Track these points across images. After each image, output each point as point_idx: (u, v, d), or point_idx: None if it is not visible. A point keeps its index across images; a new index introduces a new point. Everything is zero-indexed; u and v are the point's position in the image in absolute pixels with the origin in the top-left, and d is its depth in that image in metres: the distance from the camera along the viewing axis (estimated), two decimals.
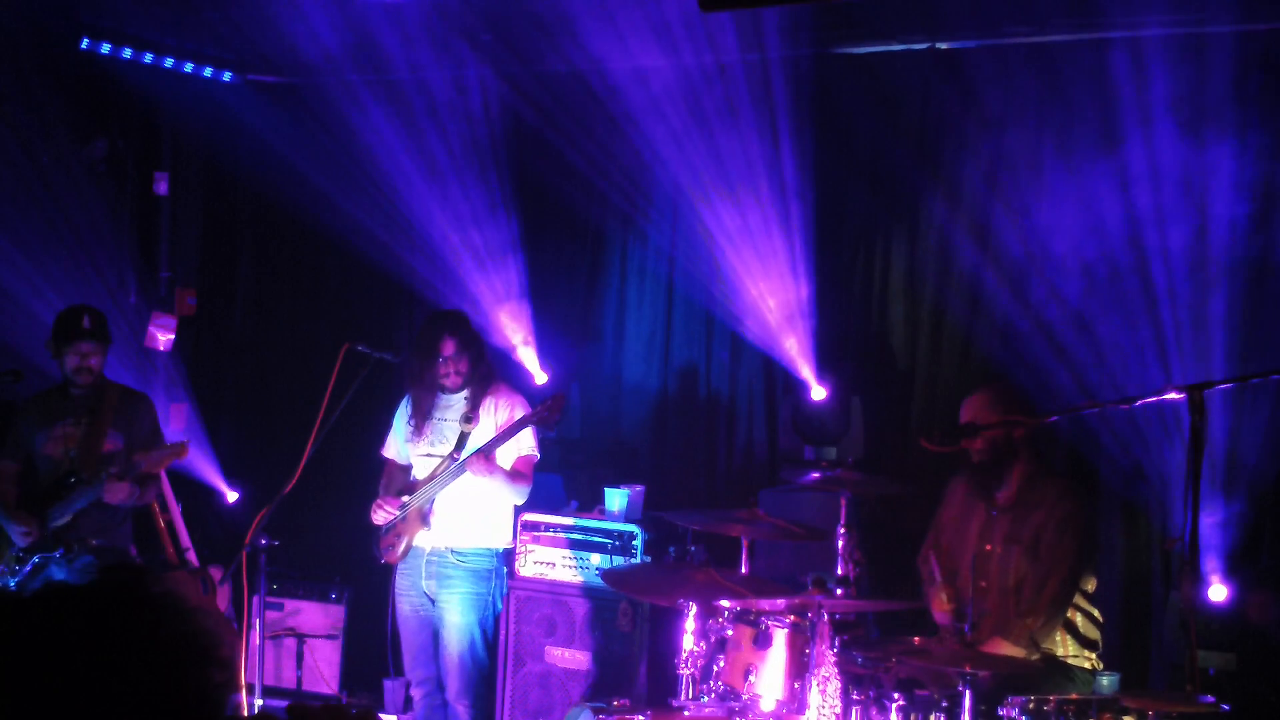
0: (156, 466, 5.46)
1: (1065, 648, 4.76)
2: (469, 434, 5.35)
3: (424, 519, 5.34)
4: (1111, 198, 5.82)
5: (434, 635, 5.41)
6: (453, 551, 5.35)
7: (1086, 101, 5.88)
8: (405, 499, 5.37)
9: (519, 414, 5.34)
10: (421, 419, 5.44)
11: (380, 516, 5.37)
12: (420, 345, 5.44)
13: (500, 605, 5.48)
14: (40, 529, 5.40)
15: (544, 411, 5.23)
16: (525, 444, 5.38)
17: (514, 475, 5.33)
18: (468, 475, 5.23)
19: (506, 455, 5.36)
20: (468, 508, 5.34)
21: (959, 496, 5.07)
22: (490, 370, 5.52)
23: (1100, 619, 4.87)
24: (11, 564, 5.42)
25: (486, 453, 5.20)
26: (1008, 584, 4.77)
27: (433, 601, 5.39)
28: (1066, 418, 5.20)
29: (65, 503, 5.39)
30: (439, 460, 5.36)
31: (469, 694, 5.36)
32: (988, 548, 4.83)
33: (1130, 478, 5.74)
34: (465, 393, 5.42)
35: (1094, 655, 4.81)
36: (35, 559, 5.38)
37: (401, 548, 5.37)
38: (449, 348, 5.35)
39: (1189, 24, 5.52)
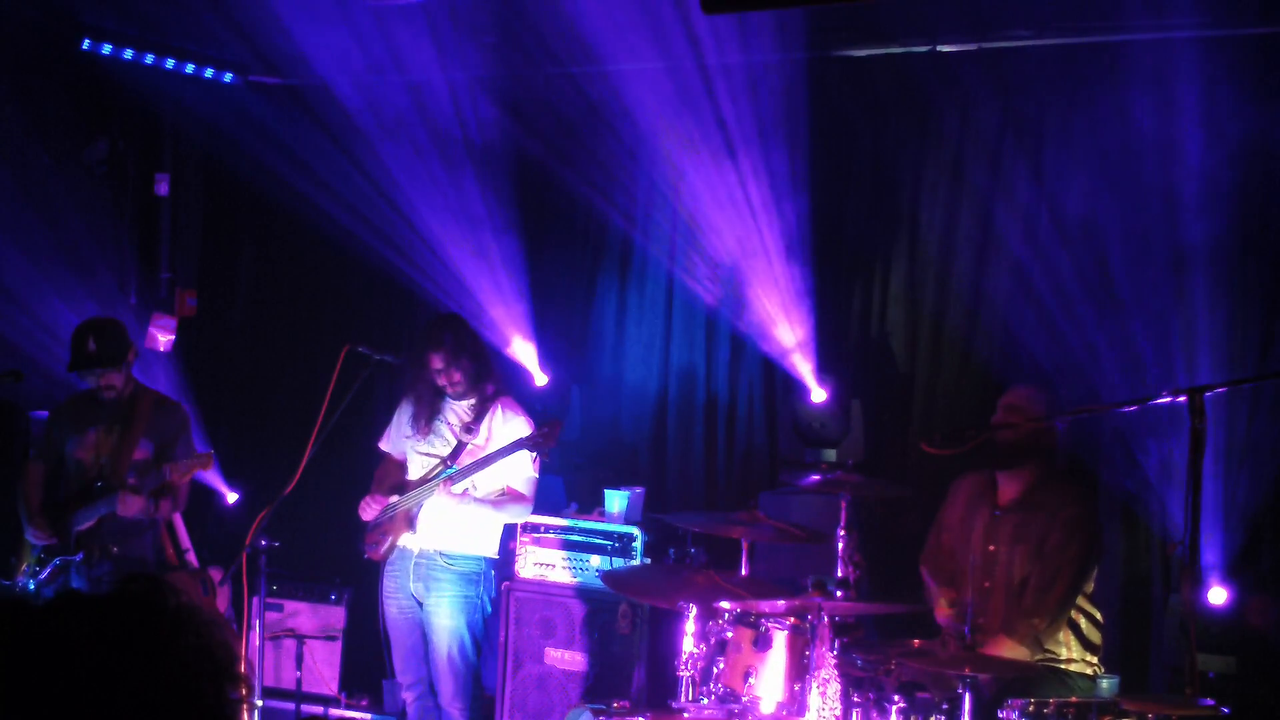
0: (181, 476, 5.42)
1: (1070, 650, 4.76)
2: (466, 444, 5.33)
3: (410, 522, 5.33)
4: (1114, 200, 5.82)
5: (423, 637, 5.39)
6: (441, 554, 5.32)
7: (1088, 104, 5.88)
8: (394, 498, 5.36)
9: (519, 433, 5.28)
10: (426, 419, 5.43)
11: (368, 514, 5.37)
12: (412, 358, 5.45)
13: (489, 608, 5.44)
14: (61, 534, 5.40)
15: (538, 438, 5.18)
16: (524, 465, 5.31)
17: (498, 503, 5.31)
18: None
19: (500, 476, 5.34)
20: (458, 513, 5.32)
21: (962, 497, 5.07)
22: (494, 375, 5.50)
23: (1101, 620, 4.88)
24: (33, 565, 5.43)
25: (455, 480, 5.19)
26: (1012, 584, 4.77)
27: (420, 604, 5.37)
28: (1066, 420, 5.20)
29: (90, 508, 5.39)
30: (434, 463, 5.36)
31: (462, 697, 5.34)
32: (991, 549, 4.83)
33: (1130, 480, 5.74)
34: (471, 401, 5.41)
35: (1096, 659, 4.81)
36: (55, 562, 5.39)
37: (385, 547, 5.36)
38: (436, 361, 5.33)
39: (1188, 27, 5.53)
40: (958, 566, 4.95)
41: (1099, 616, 4.85)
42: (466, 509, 5.25)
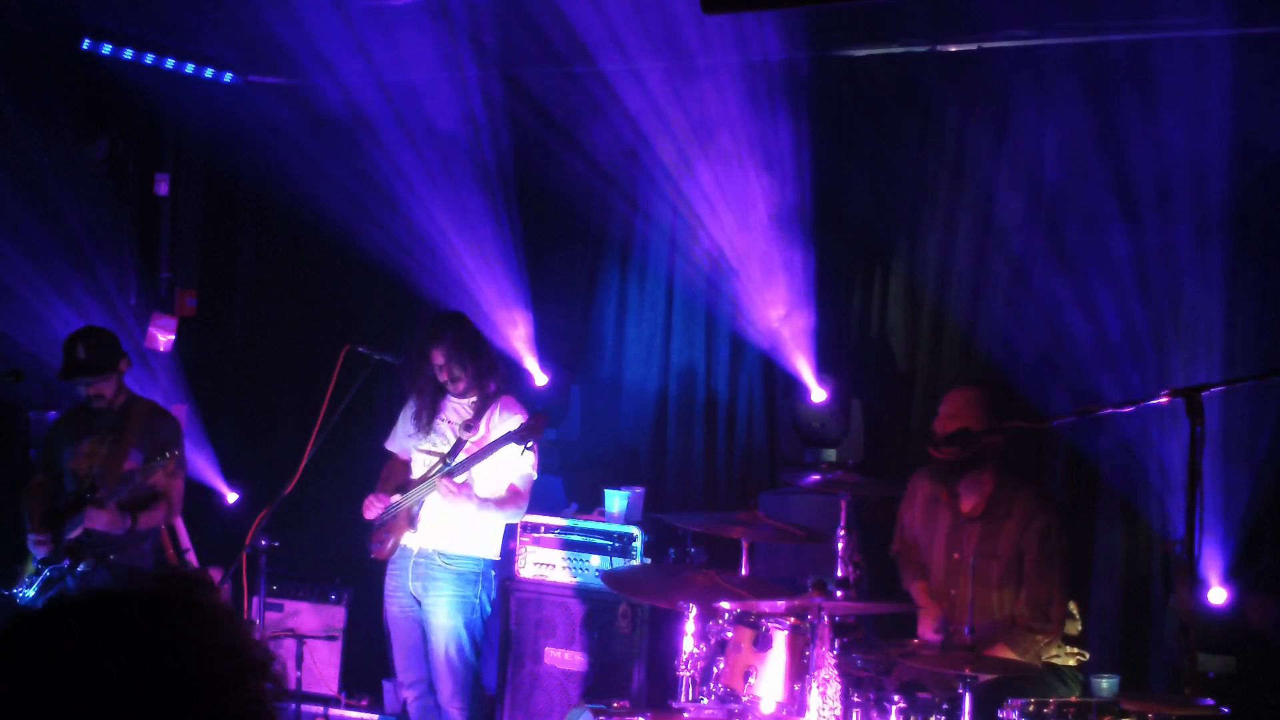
0: (148, 477, 5.44)
1: (1049, 649, 4.78)
2: (466, 441, 5.33)
3: (411, 520, 5.33)
4: (1113, 199, 5.83)
5: (423, 637, 5.40)
6: (440, 554, 5.33)
7: (1088, 104, 5.88)
8: (396, 497, 5.37)
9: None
10: (427, 417, 5.44)
11: (371, 513, 5.38)
12: (414, 354, 5.47)
13: (489, 608, 5.43)
14: (55, 543, 5.41)
15: (525, 430, 5.16)
16: (523, 464, 5.30)
17: (500, 501, 5.31)
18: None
19: (499, 473, 5.33)
20: (459, 513, 5.32)
21: (920, 498, 5.07)
22: (495, 371, 5.50)
23: (1076, 613, 4.88)
24: (30, 575, 5.46)
25: (455, 474, 5.18)
26: (989, 598, 4.75)
27: (419, 603, 5.38)
28: (1066, 420, 5.20)
29: (79, 516, 5.39)
30: (435, 461, 5.36)
31: (461, 696, 5.34)
32: (955, 556, 4.84)
33: (1130, 480, 5.74)
34: (472, 399, 5.41)
35: (1078, 650, 4.82)
36: (47, 572, 5.40)
37: (389, 546, 5.37)
38: (438, 356, 5.35)
39: (1188, 27, 5.53)
40: (926, 562, 4.98)
41: (1074, 610, 4.86)
42: (467, 505, 5.23)
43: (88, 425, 5.58)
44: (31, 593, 5.44)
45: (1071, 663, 4.79)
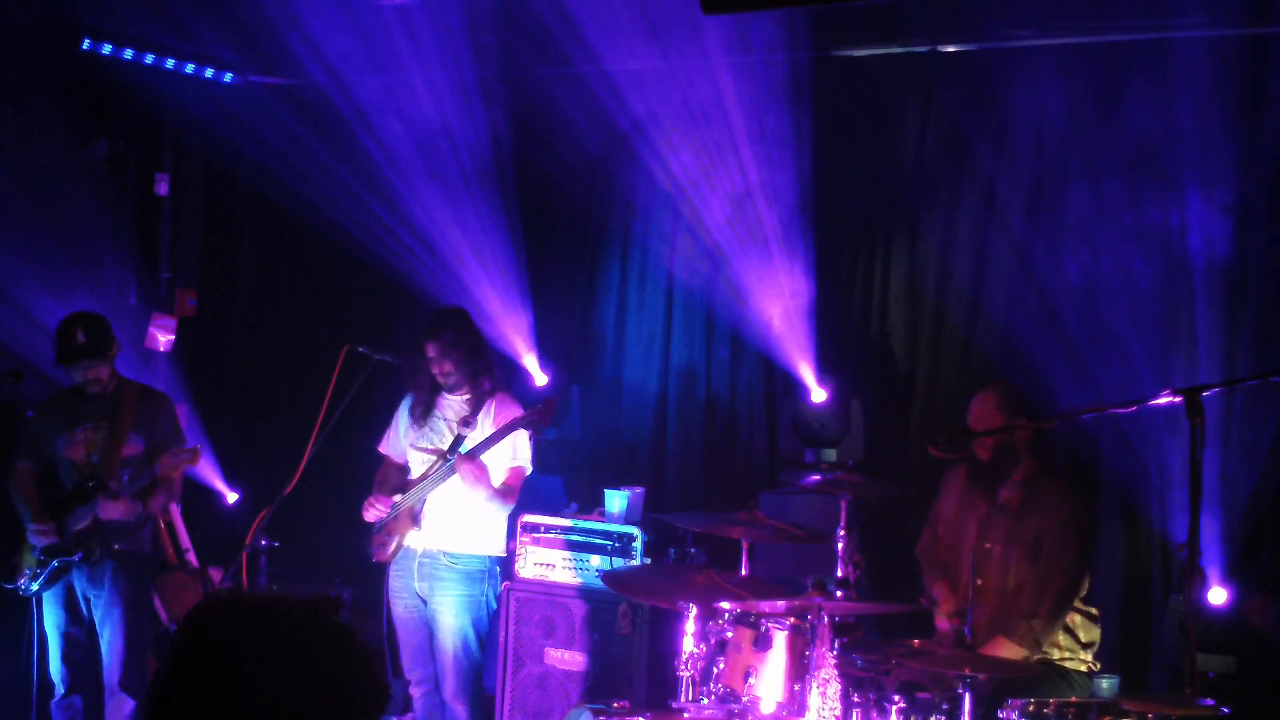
0: (172, 470, 5.42)
1: (1062, 650, 4.77)
2: (465, 437, 5.33)
3: (414, 519, 5.32)
4: (1111, 201, 5.83)
5: (429, 635, 5.40)
6: (445, 554, 5.32)
7: (1088, 104, 5.88)
8: (397, 498, 5.36)
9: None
10: (422, 416, 5.44)
11: (371, 514, 5.37)
12: (413, 348, 5.48)
13: (495, 605, 5.43)
14: (60, 533, 5.39)
15: (534, 416, 5.18)
16: (521, 455, 5.32)
17: (501, 492, 5.32)
18: (457, 477, 5.21)
19: (498, 461, 5.33)
20: (461, 510, 5.32)
21: (956, 490, 5.06)
22: (490, 370, 5.49)
23: (1096, 615, 4.88)
24: (34, 567, 5.41)
25: (474, 456, 5.17)
26: (1007, 584, 4.76)
27: (425, 602, 5.37)
28: (1067, 420, 5.20)
29: (85, 507, 5.36)
30: (434, 459, 5.36)
31: (465, 693, 5.35)
32: (986, 545, 4.82)
33: (1130, 480, 5.74)
34: (466, 395, 5.41)
35: (1090, 656, 4.81)
36: (55, 563, 5.37)
37: (392, 547, 5.36)
38: (431, 350, 5.34)
39: (1188, 27, 5.54)
40: (953, 560, 4.95)
41: (1095, 612, 4.85)
42: (483, 491, 5.21)
43: (81, 411, 5.52)
44: (36, 586, 5.39)
45: (1083, 668, 4.78)
